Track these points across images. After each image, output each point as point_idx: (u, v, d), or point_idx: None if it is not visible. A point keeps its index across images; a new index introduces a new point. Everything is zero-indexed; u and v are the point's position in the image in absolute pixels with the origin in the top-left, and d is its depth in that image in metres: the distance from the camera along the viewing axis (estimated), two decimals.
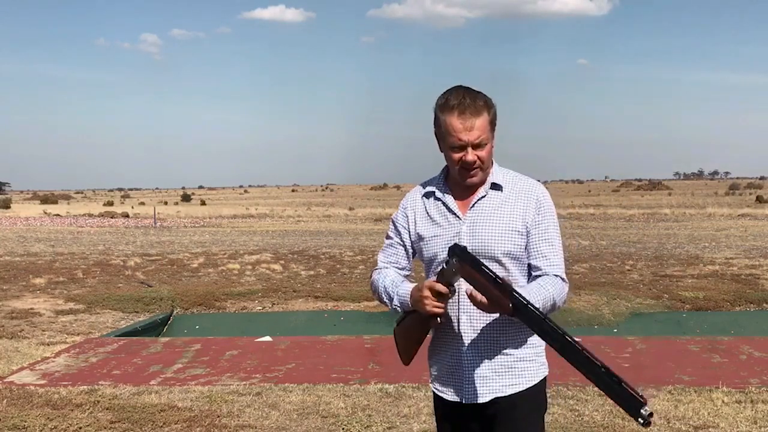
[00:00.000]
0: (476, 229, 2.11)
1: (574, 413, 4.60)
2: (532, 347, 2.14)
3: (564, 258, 2.17)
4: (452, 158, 2.10)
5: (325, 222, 34.34)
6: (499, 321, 2.09)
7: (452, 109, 2.05)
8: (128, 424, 4.50)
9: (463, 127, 2.04)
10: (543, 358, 2.18)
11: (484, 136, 2.06)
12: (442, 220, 2.16)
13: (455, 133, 2.05)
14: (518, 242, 2.10)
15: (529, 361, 2.13)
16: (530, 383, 2.13)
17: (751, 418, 4.49)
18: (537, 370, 2.15)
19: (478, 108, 2.05)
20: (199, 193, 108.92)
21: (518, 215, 2.11)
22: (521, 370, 2.12)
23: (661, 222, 29.24)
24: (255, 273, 12.20)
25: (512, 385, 2.11)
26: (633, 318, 8.95)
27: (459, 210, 2.14)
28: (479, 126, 2.04)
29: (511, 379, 2.12)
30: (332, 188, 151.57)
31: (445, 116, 2.06)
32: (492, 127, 2.10)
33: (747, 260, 12.75)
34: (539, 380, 2.15)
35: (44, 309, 9.23)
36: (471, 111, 2.04)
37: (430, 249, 2.17)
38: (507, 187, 2.15)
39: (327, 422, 4.54)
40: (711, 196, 62.95)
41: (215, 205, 64.02)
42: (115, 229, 27.38)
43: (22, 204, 62.85)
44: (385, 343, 6.92)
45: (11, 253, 15.40)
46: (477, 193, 2.14)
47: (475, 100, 2.06)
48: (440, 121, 2.09)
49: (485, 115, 2.06)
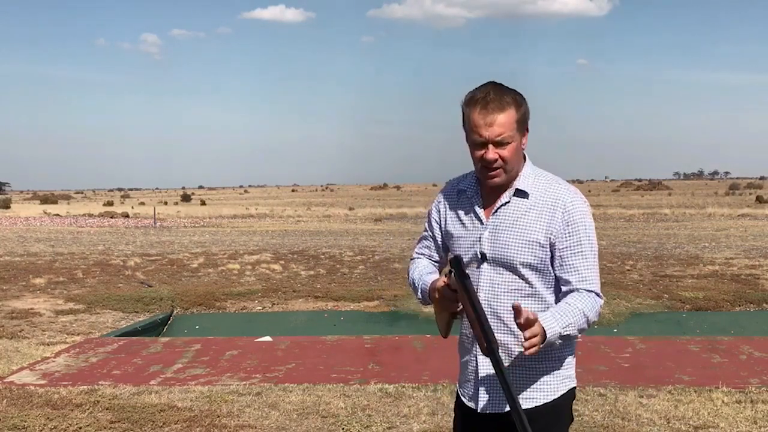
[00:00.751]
0: (497, 237, 2.03)
1: (574, 413, 4.59)
2: (554, 360, 2.05)
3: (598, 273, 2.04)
4: (474, 156, 2.01)
5: (325, 222, 34.34)
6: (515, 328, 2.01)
7: (476, 104, 1.97)
8: (128, 424, 4.50)
9: (484, 122, 1.94)
10: (568, 371, 2.09)
11: (507, 133, 1.95)
12: (468, 222, 2.10)
13: (476, 129, 1.96)
14: (539, 254, 2.00)
15: (550, 374, 2.05)
16: (549, 398, 2.05)
17: (751, 418, 4.49)
18: (559, 384, 2.06)
19: (503, 104, 1.95)
20: (199, 193, 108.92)
21: (541, 226, 2.00)
22: (540, 384, 2.04)
23: (661, 222, 29.24)
24: (255, 273, 12.20)
25: (529, 399, 2.04)
26: (633, 318, 8.94)
27: (483, 214, 2.07)
28: (502, 122, 1.94)
29: (529, 393, 2.04)
30: (332, 188, 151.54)
31: (469, 111, 1.98)
32: (520, 126, 1.99)
33: (747, 260, 12.75)
34: (561, 394, 2.06)
35: (44, 309, 9.23)
36: (494, 106, 1.94)
37: (454, 249, 2.12)
38: (534, 194, 2.03)
39: (327, 422, 4.54)
40: (711, 196, 62.93)
41: (215, 205, 64.01)
42: (115, 229, 27.37)
43: (22, 204, 62.84)
44: (385, 343, 6.93)
45: (11, 253, 15.40)
46: (501, 199, 2.04)
47: (501, 95, 1.96)
48: (465, 116, 2.01)
49: (511, 112, 1.95)
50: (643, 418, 4.52)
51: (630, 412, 4.65)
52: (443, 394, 5.07)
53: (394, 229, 26.14)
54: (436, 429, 4.41)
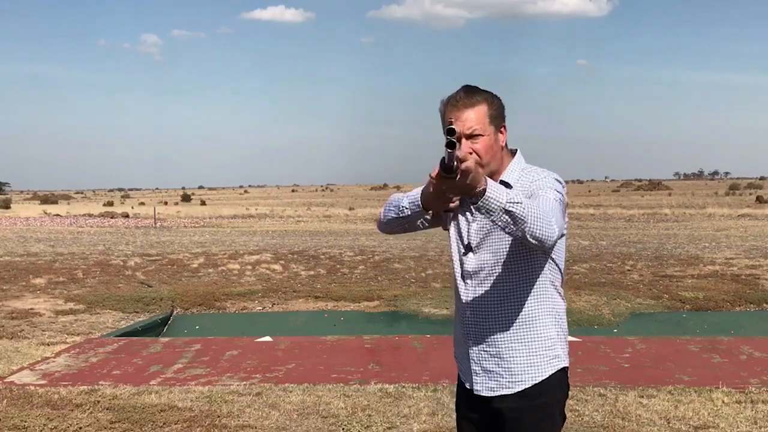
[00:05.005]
0: (481, 227, 2.13)
1: (574, 413, 4.59)
2: (537, 339, 2.11)
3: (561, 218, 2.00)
4: None
5: (325, 222, 34.33)
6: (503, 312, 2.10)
7: (448, 103, 2.09)
8: (128, 424, 4.50)
9: (455, 118, 2.05)
10: (555, 350, 2.13)
11: (477, 126, 2.05)
12: (459, 214, 2.18)
13: None
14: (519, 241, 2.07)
15: (536, 355, 2.11)
16: (537, 378, 2.10)
17: (751, 418, 4.49)
18: (546, 365, 2.11)
19: (474, 101, 2.07)
20: (199, 193, 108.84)
21: None
22: (527, 366, 2.10)
23: (661, 222, 29.23)
24: (255, 273, 12.20)
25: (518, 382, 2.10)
26: (633, 318, 8.95)
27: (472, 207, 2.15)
28: (472, 117, 2.05)
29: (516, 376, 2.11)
30: (332, 188, 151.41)
31: (443, 111, 2.11)
32: (493, 120, 2.08)
33: (747, 260, 12.75)
34: (549, 374, 2.11)
35: (44, 309, 9.23)
36: (464, 103, 2.07)
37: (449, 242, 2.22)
38: (517, 186, 2.11)
39: (327, 422, 4.54)
40: (711, 196, 62.88)
41: (215, 205, 63.98)
42: (115, 229, 27.37)
43: (22, 204, 62.80)
44: (385, 343, 6.93)
45: (11, 253, 15.40)
46: None
47: (472, 94, 2.08)
48: (441, 117, 2.12)
49: (482, 107, 2.07)
50: (643, 419, 4.52)
51: (630, 412, 4.65)
52: (443, 394, 5.07)
53: None
54: (436, 429, 4.41)
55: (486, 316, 2.13)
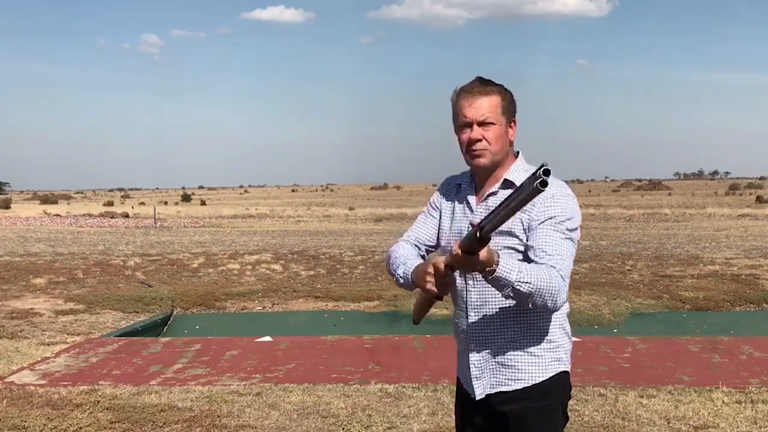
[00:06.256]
0: None
1: (574, 413, 4.59)
2: (541, 341, 2.10)
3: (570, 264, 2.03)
4: (461, 139, 2.12)
5: (325, 222, 34.33)
6: (506, 316, 2.10)
7: (462, 92, 2.11)
8: (128, 424, 4.50)
9: (469, 104, 2.07)
10: (558, 354, 2.12)
11: (490, 114, 2.06)
12: (459, 210, 2.20)
13: (461, 111, 2.09)
14: (521, 240, 2.05)
15: (538, 355, 2.10)
16: (537, 379, 2.09)
17: (751, 418, 4.49)
18: (547, 366, 2.10)
19: (488, 90, 2.09)
20: (199, 193, 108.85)
21: (522, 213, 2.02)
22: (527, 365, 2.09)
23: (661, 222, 29.24)
24: (255, 273, 12.20)
25: (517, 380, 2.10)
26: (633, 318, 8.95)
27: (474, 202, 2.17)
28: (485, 104, 2.07)
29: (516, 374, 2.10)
30: (332, 188, 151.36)
31: (456, 99, 2.12)
32: (505, 111, 2.09)
33: (747, 260, 12.75)
34: (549, 376, 2.10)
35: (44, 309, 9.23)
36: (478, 90, 2.08)
37: (445, 236, 2.22)
38: None
39: (327, 422, 4.54)
40: (711, 196, 62.90)
41: (215, 205, 63.99)
42: (115, 229, 27.37)
43: (22, 204, 62.82)
44: (385, 343, 6.93)
45: (11, 253, 15.40)
46: (490, 189, 2.14)
47: (486, 84, 2.10)
48: (453, 107, 2.14)
49: (495, 97, 2.08)
50: (643, 418, 4.52)
51: (630, 412, 4.65)
52: (443, 394, 5.07)
53: (395, 229, 26.11)
54: (437, 429, 4.41)
55: (488, 320, 2.12)
